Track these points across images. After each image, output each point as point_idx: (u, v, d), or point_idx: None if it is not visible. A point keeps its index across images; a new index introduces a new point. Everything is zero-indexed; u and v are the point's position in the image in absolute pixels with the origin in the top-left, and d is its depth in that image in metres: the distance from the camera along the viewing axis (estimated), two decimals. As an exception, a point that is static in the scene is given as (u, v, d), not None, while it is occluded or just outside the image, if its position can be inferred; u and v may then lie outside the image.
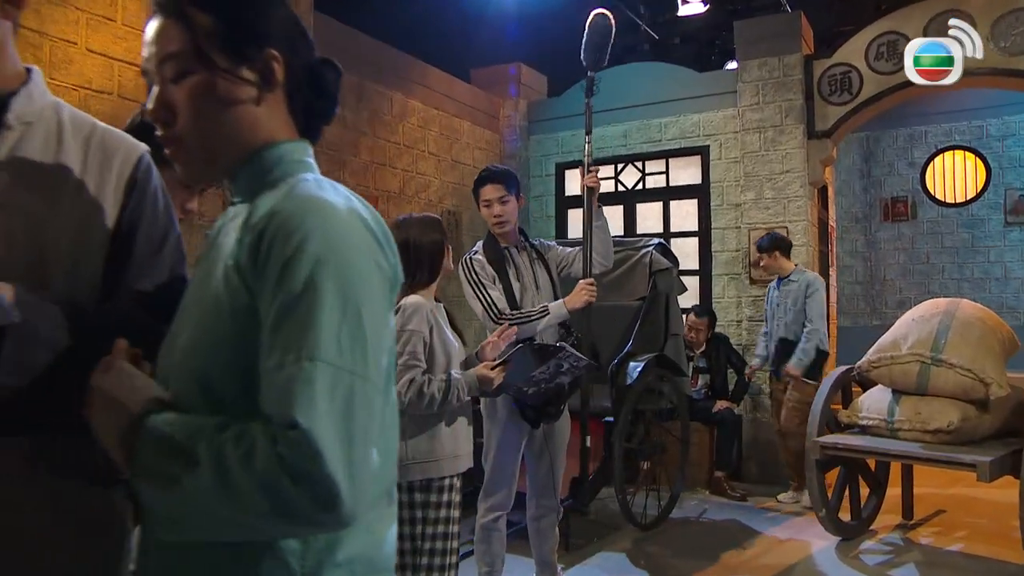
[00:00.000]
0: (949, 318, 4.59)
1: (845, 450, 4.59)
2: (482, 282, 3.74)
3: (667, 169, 7.34)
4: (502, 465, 3.74)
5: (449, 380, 2.90)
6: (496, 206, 3.77)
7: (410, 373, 2.88)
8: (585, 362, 3.36)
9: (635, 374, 5.13)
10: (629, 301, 5.72)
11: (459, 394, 2.91)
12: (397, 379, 2.80)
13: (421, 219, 3.16)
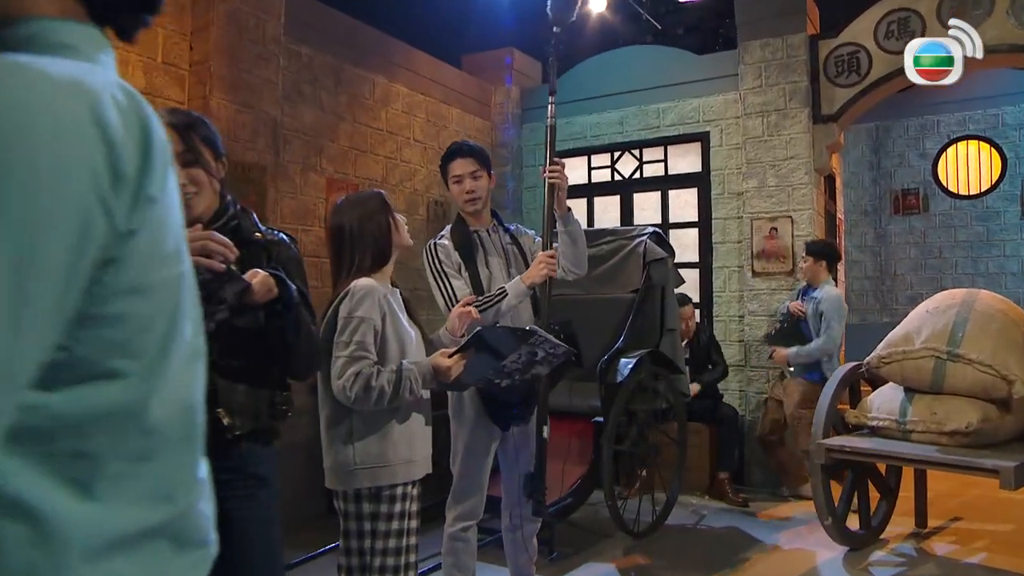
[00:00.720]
0: (967, 309, 4.18)
1: (853, 454, 4.18)
2: (444, 271, 3.36)
3: (665, 157, 6.94)
4: (470, 470, 3.35)
5: (400, 371, 2.52)
6: (467, 181, 3.38)
7: (356, 365, 2.51)
8: (563, 349, 2.96)
9: (626, 372, 4.73)
10: (622, 293, 5.33)
11: (411, 386, 2.53)
12: (342, 372, 2.45)
13: (356, 200, 2.78)
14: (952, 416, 3.98)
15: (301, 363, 2.22)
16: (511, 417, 3.29)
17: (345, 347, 2.53)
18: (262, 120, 4.91)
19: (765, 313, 6.22)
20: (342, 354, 2.53)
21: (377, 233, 2.71)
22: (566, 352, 2.98)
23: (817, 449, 4.25)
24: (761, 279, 6.27)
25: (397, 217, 2.81)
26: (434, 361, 2.62)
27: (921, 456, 3.92)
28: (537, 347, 2.86)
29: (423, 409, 2.74)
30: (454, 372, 2.62)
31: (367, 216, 2.71)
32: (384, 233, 2.73)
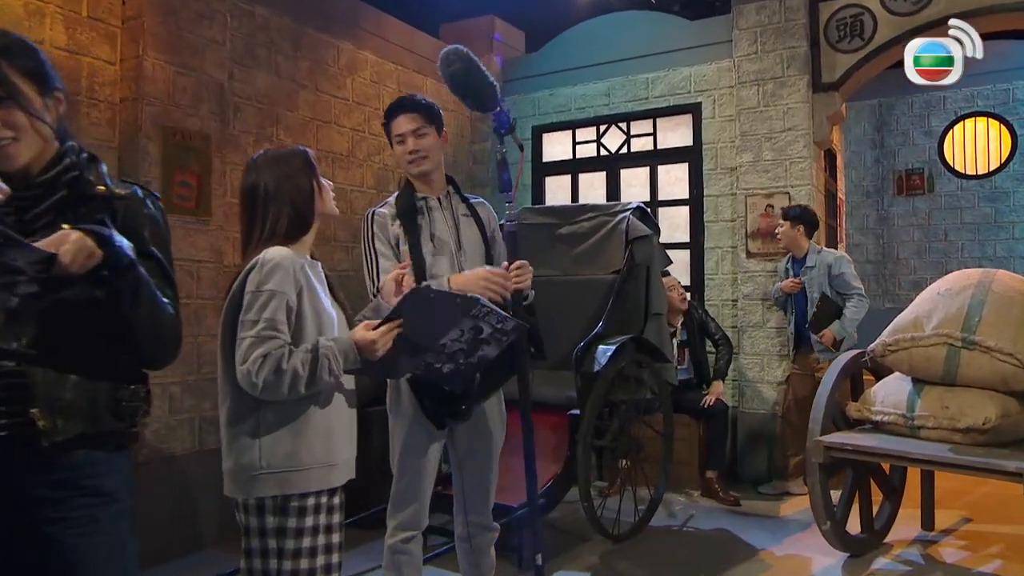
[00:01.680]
0: (983, 291, 3.69)
1: (855, 452, 3.70)
2: (375, 246, 2.89)
3: (654, 130, 6.44)
4: (409, 473, 2.90)
5: (316, 349, 2.07)
6: (410, 140, 2.90)
7: (264, 346, 2.05)
8: (512, 324, 2.47)
9: (604, 359, 4.26)
10: (603, 274, 4.85)
11: (331, 366, 2.08)
12: (247, 355, 2.04)
13: (275, 157, 2.31)
14: (967, 411, 3.50)
15: (147, 346, 1.73)
16: (447, 413, 2.82)
17: (251, 326, 2.07)
18: (205, 84, 4.42)
19: (760, 296, 5.74)
20: (248, 334, 2.06)
21: (296, 196, 2.25)
22: (516, 327, 2.50)
23: (815, 447, 3.78)
24: (756, 260, 5.78)
25: (323, 181, 2.34)
26: (356, 335, 2.15)
27: (931, 456, 3.44)
28: (481, 321, 2.38)
29: (347, 401, 2.28)
30: (381, 346, 2.15)
31: (286, 175, 2.24)
32: (305, 197, 2.27)
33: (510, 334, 2.47)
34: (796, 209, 5.38)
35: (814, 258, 5.28)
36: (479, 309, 2.34)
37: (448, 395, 2.75)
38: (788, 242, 5.38)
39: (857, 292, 5.18)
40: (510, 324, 2.43)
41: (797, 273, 5.36)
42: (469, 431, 2.97)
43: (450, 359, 2.42)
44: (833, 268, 5.21)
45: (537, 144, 6.90)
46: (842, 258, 5.32)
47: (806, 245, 5.33)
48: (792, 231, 5.31)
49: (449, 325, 2.31)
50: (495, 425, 3.03)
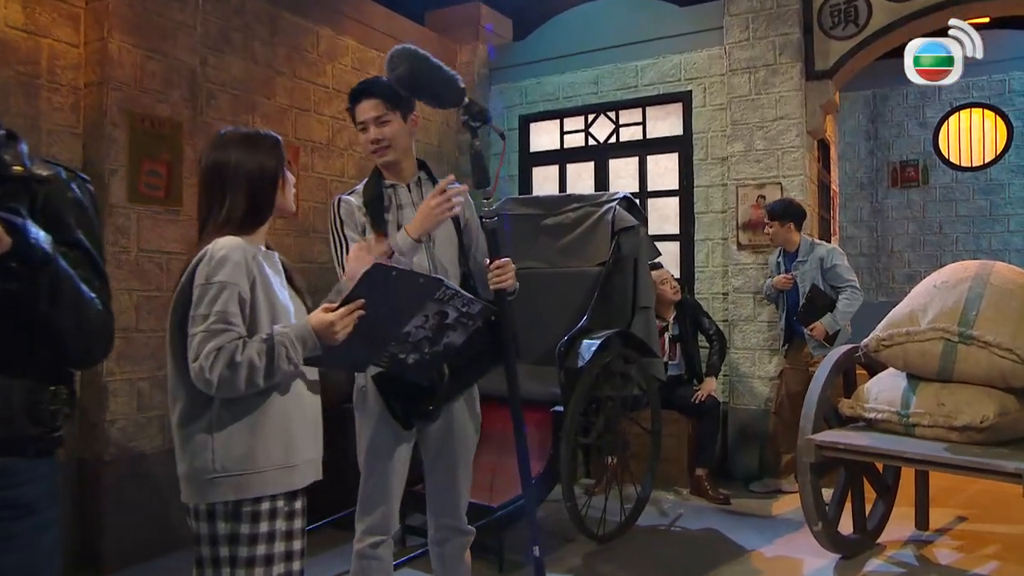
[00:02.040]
0: (981, 284, 3.54)
1: (847, 452, 3.56)
2: (344, 233, 2.73)
3: (644, 119, 6.28)
4: (376, 474, 2.74)
5: (271, 338, 1.93)
6: (372, 128, 2.74)
7: (217, 340, 1.91)
8: (479, 307, 2.33)
9: (588, 354, 4.11)
10: (589, 267, 4.70)
11: (288, 354, 1.94)
12: (198, 351, 1.90)
13: (244, 137, 2.15)
14: (963, 408, 3.36)
15: (72, 345, 1.56)
16: (414, 413, 2.66)
17: (202, 320, 1.92)
18: (176, 69, 4.25)
19: (751, 290, 5.59)
20: (198, 329, 1.92)
21: (258, 183, 2.09)
22: (483, 310, 2.35)
23: (806, 446, 3.63)
24: (747, 252, 5.63)
25: (288, 175, 2.18)
26: (314, 318, 2.00)
27: (927, 456, 3.30)
28: (446, 304, 2.23)
29: (309, 396, 2.14)
30: (341, 328, 1.99)
31: (252, 159, 2.09)
32: (268, 186, 2.11)
33: (476, 318, 2.33)
34: (779, 206, 5.20)
35: (807, 252, 5.13)
36: (443, 292, 2.19)
37: (415, 394, 2.60)
38: (780, 241, 5.24)
39: (850, 284, 5.04)
40: (476, 307, 2.28)
41: (789, 268, 5.22)
42: (440, 431, 2.82)
43: (415, 348, 2.27)
44: (825, 261, 5.07)
45: (524, 134, 6.74)
46: (834, 251, 5.18)
47: (798, 239, 5.19)
48: (782, 230, 5.16)
49: (413, 309, 2.16)
50: (467, 425, 2.87)
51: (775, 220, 5.17)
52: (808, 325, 4.99)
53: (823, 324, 4.96)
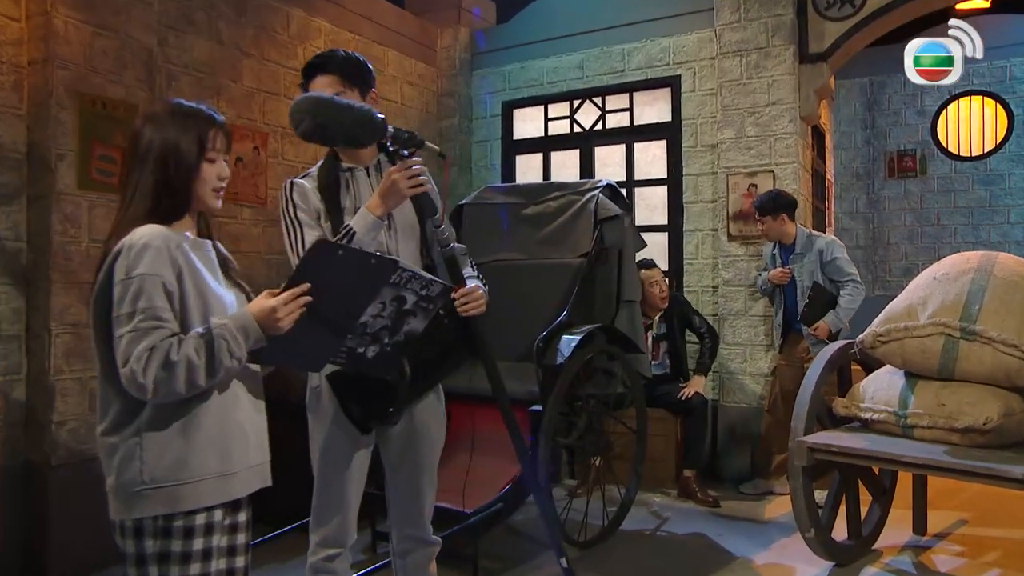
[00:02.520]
0: (984, 276, 3.33)
1: (841, 454, 3.35)
2: (297, 217, 2.50)
3: (631, 105, 6.05)
4: (329, 482, 2.54)
5: (209, 331, 1.73)
6: None
7: (147, 339, 1.70)
8: (439, 288, 2.13)
9: (568, 351, 3.89)
10: (571, 258, 4.47)
11: (230, 347, 1.73)
12: (127, 353, 1.70)
13: (174, 110, 1.92)
14: (965, 409, 3.16)
15: None
16: (372, 416, 2.44)
17: (128, 319, 1.71)
18: (130, 48, 4.01)
19: (743, 283, 5.37)
20: (125, 330, 1.71)
21: (170, 166, 1.85)
22: (444, 291, 2.15)
23: (798, 448, 3.42)
24: (738, 244, 5.41)
25: (221, 166, 1.93)
26: (254, 306, 1.79)
27: (927, 460, 3.08)
28: (403, 288, 2.02)
29: (251, 394, 1.94)
30: (285, 315, 1.78)
31: (165, 135, 1.85)
32: (179, 171, 1.86)
33: (436, 300, 2.12)
34: (767, 200, 4.96)
35: (804, 244, 4.92)
36: (399, 274, 1.98)
37: (373, 395, 2.39)
38: (776, 236, 5.03)
39: (851, 278, 4.83)
40: (436, 288, 2.07)
41: (786, 261, 5.00)
42: (402, 434, 2.61)
43: (374, 340, 2.06)
44: (825, 254, 4.86)
45: (507, 121, 6.51)
46: (833, 242, 4.96)
47: (793, 231, 4.97)
48: (775, 223, 4.95)
49: (367, 295, 1.95)
50: (432, 427, 2.67)
51: (766, 215, 4.95)
52: (811, 324, 4.79)
53: (827, 322, 4.76)
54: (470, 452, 4.22)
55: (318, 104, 2.25)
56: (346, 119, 2.25)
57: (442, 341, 2.48)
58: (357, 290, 1.92)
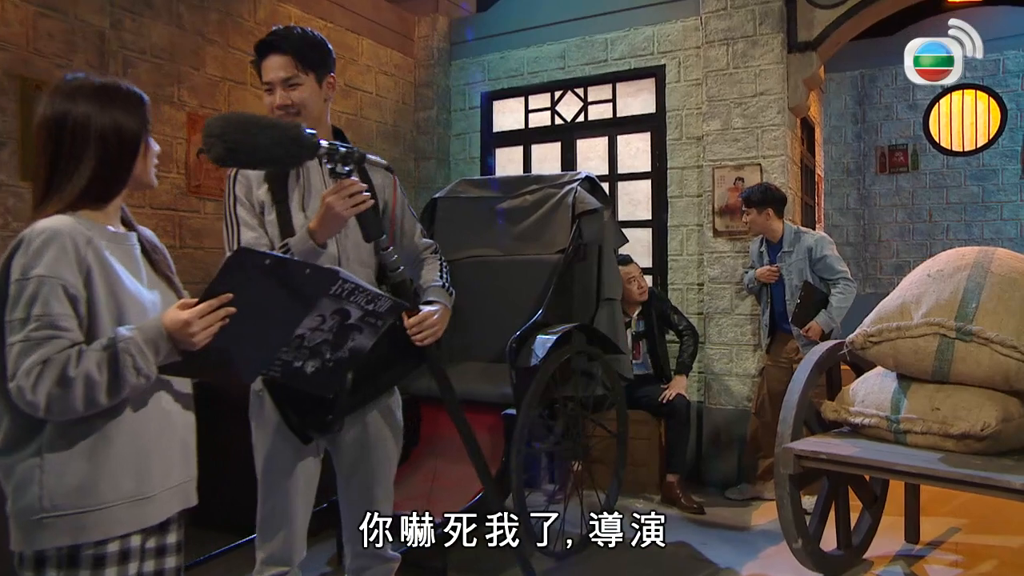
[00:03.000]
0: (981, 273, 3.15)
1: (830, 462, 3.16)
2: (236, 215, 2.31)
3: (614, 96, 5.86)
4: (275, 494, 2.35)
5: (113, 344, 1.53)
6: (279, 92, 2.31)
7: (40, 351, 1.50)
8: (388, 304, 1.95)
9: (543, 351, 3.70)
10: (548, 254, 4.28)
11: (136, 363, 1.54)
12: (16, 365, 1.50)
13: (104, 87, 1.73)
14: (961, 414, 2.97)
15: None
16: (312, 425, 2.26)
17: (20, 326, 1.52)
18: (80, 31, 3.81)
19: (729, 280, 5.19)
20: (16, 338, 1.51)
21: (114, 146, 1.67)
22: (394, 308, 1.96)
23: (784, 455, 3.24)
24: (724, 240, 5.23)
25: (152, 143, 1.77)
26: (167, 318, 1.59)
27: (921, 468, 2.90)
28: (346, 301, 1.83)
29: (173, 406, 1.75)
30: (200, 329, 1.58)
31: (107, 114, 1.67)
32: (125, 151, 1.70)
33: (385, 317, 1.93)
34: (756, 192, 4.80)
35: (792, 241, 4.74)
36: (340, 286, 1.79)
37: (312, 402, 2.19)
38: (759, 230, 4.86)
39: (843, 276, 4.66)
40: (384, 304, 1.88)
41: (773, 259, 4.82)
42: (354, 442, 2.42)
43: (313, 354, 1.86)
44: (814, 251, 4.68)
45: (487, 113, 6.31)
46: (823, 239, 4.78)
47: (780, 227, 4.79)
48: (760, 217, 4.77)
49: (304, 307, 1.75)
50: (386, 436, 2.48)
51: (752, 207, 4.77)
52: (803, 326, 4.62)
53: (819, 323, 4.59)
54: (439, 456, 4.05)
55: (227, 124, 1.94)
56: (262, 140, 1.94)
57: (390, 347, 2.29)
58: (289, 302, 1.73)
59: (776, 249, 4.81)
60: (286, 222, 2.29)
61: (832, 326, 4.62)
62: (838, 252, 4.79)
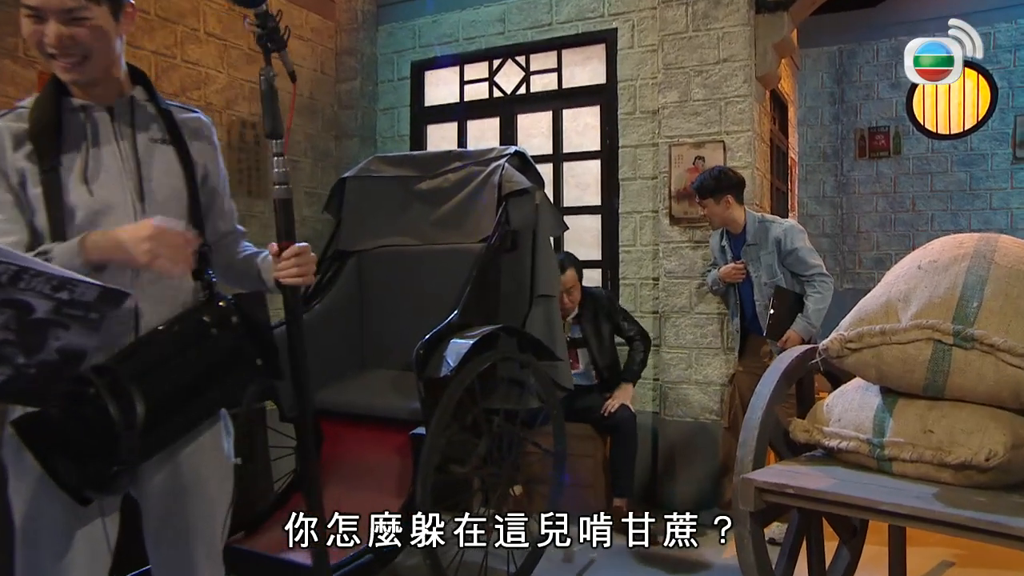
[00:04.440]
0: (984, 264, 2.65)
1: (799, 497, 2.65)
2: None
3: (559, 65, 5.37)
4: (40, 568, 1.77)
5: None
6: (53, 24, 1.74)
7: None
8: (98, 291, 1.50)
9: (456, 359, 3.17)
10: (471, 243, 3.76)
11: None
12: None
13: None
14: (960, 438, 2.47)
15: None
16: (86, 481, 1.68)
17: None
18: None
19: (687, 275, 4.69)
20: None
21: None
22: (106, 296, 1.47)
23: (743, 488, 2.71)
24: (682, 228, 4.73)
25: None
26: None
27: (910, 509, 2.38)
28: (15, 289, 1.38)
29: None
30: None
31: None
32: None
33: (100, 308, 1.46)
34: (707, 179, 4.31)
35: (758, 233, 4.25)
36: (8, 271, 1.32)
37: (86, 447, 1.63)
38: (719, 222, 4.39)
39: (817, 272, 4.17)
40: (88, 292, 1.41)
41: (737, 254, 4.32)
42: (164, 490, 1.86)
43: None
44: (783, 243, 4.19)
45: (417, 84, 5.78)
46: (792, 228, 4.28)
47: (742, 216, 4.31)
48: (719, 207, 4.29)
49: None
50: (210, 479, 1.92)
51: (708, 197, 4.29)
52: (780, 338, 4.13)
53: (797, 332, 4.11)
54: (341, 482, 3.54)
55: None
56: None
57: (206, 363, 1.75)
58: None
59: (739, 242, 4.32)
60: (55, 196, 1.73)
61: (812, 332, 4.14)
62: (811, 243, 4.30)
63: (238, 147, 4.85)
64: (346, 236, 4.00)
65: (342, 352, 3.90)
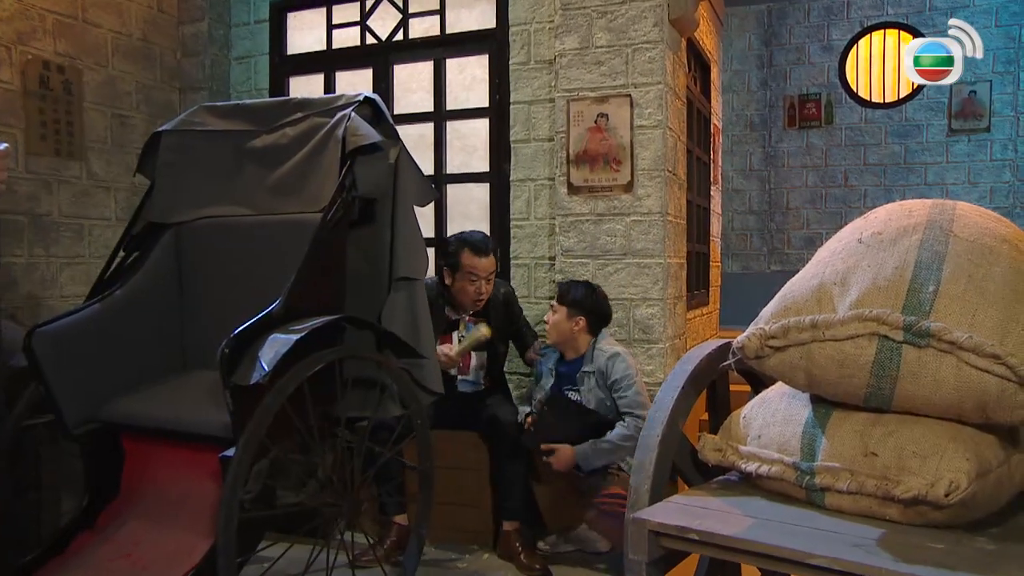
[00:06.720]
0: (940, 237, 2.14)
1: (706, 545, 2.10)
2: None
3: (442, 7, 4.79)
4: None
5: None
6: None
7: None
8: None
9: (272, 361, 2.55)
10: (313, 212, 3.14)
11: None
12: None
13: None
14: (911, 463, 1.96)
15: None
16: None
17: None
18: None
19: (588, 253, 4.16)
20: None
21: None
22: None
23: (636, 531, 2.16)
24: (582, 198, 4.19)
25: None
26: None
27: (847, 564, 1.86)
28: None
29: None
30: None
31: None
32: None
33: None
34: (579, 290, 3.84)
35: (592, 361, 3.81)
36: None
37: None
38: (559, 337, 3.86)
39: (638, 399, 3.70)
40: None
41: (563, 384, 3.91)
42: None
43: None
44: (606, 372, 3.74)
45: (278, 29, 5.15)
46: (618, 356, 3.78)
47: (585, 346, 3.83)
48: (568, 323, 3.81)
49: None
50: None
51: (564, 305, 3.82)
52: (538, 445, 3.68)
53: (573, 449, 3.62)
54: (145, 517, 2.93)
55: None
56: None
57: None
58: None
59: (574, 368, 3.86)
60: None
61: (592, 465, 3.65)
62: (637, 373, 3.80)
63: (39, 95, 4.10)
64: (160, 205, 3.33)
65: (153, 348, 3.24)
